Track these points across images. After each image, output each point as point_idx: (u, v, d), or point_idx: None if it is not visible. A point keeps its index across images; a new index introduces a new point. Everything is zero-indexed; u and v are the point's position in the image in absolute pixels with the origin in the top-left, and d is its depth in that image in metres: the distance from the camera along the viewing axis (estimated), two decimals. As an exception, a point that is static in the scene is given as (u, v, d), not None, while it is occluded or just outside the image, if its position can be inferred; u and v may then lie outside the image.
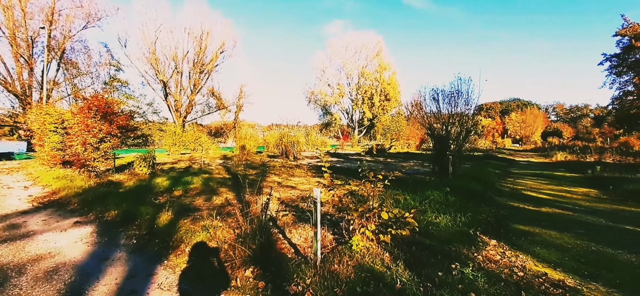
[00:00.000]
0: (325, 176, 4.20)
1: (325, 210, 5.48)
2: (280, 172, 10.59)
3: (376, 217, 3.82)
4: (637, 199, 7.42)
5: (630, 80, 24.50)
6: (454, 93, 10.91)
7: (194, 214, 5.25)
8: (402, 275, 3.04)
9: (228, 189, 7.43)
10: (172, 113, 27.31)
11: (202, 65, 27.55)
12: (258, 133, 22.46)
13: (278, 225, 4.64)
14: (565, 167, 16.50)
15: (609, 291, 2.95)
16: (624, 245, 4.23)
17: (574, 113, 68.48)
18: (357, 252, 3.52)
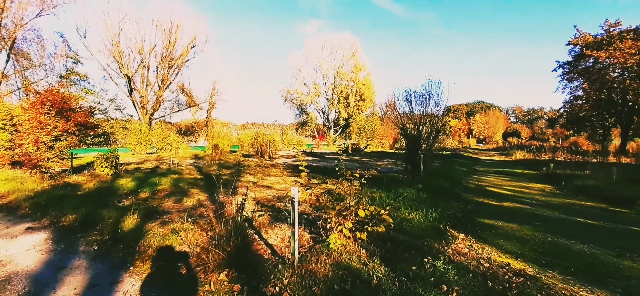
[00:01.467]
0: (303, 175, 4.18)
1: (303, 209, 5.45)
2: (255, 172, 10.37)
3: (353, 215, 3.86)
4: (586, 194, 8.21)
5: (580, 85, 27.09)
6: (425, 95, 11.35)
7: (162, 217, 4.98)
8: (378, 270, 3.10)
9: (200, 190, 7.14)
10: (137, 110, 25.69)
11: (171, 59, 26.20)
12: (232, 132, 21.85)
13: (254, 226, 4.53)
14: (524, 164, 17.87)
15: (565, 278, 3.23)
16: (576, 236, 4.66)
17: (531, 115, 74.50)
18: (334, 250, 3.54)
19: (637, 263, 3.67)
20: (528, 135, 60.83)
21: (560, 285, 3.04)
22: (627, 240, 4.54)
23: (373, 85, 45.38)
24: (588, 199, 7.63)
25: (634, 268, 3.51)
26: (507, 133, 62.10)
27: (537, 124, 69.17)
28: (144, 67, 25.51)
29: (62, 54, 23.77)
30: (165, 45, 25.87)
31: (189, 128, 30.48)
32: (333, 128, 45.88)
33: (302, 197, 4.09)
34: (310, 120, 46.12)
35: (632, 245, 4.27)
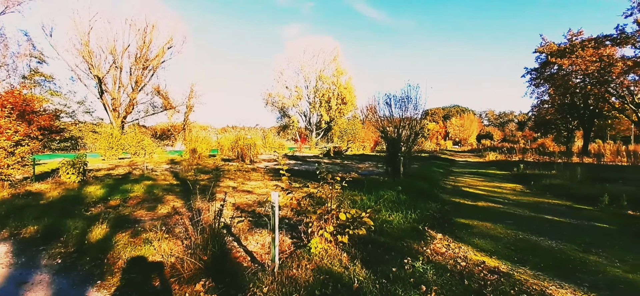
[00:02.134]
0: (284, 179, 4.12)
1: (284, 214, 5.37)
2: (235, 176, 10.13)
3: (334, 219, 3.85)
4: (553, 192, 8.72)
5: (546, 90, 28.90)
6: (405, 99, 11.63)
7: (134, 226, 4.72)
8: (359, 273, 3.09)
9: (176, 196, 6.86)
10: (108, 113, 24.40)
11: (146, 60, 25.17)
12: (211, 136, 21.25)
13: (233, 233, 4.40)
14: (496, 165, 18.75)
15: (535, 274, 3.38)
16: (544, 232, 4.92)
17: (503, 119, 78.55)
18: (315, 255, 3.50)
19: (601, 258, 3.90)
20: (500, 137, 64.06)
21: (532, 280, 3.17)
22: (592, 235, 4.84)
23: (354, 89, 46.01)
24: (555, 197, 8.11)
25: (599, 263, 3.73)
26: (480, 136, 65.06)
27: (508, 127, 73.04)
28: (117, 68, 24.33)
29: (26, 53, 22.20)
30: (140, 46, 24.84)
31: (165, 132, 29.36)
32: (315, 132, 45.94)
33: (283, 201, 4.02)
34: (292, 123, 45.95)
35: (596, 241, 4.55)
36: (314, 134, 45.20)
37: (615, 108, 25.18)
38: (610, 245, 4.38)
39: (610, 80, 21.02)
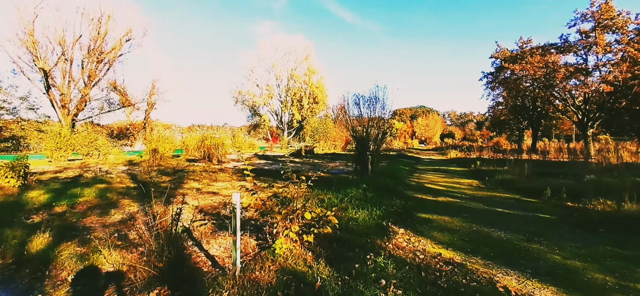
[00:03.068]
0: (248, 179, 4.03)
1: (250, 215, 5.26)
2: (200, 178, 9.71)
3: (300, 218, 3.84)
4: (505, 187, 9.48)
5: (500, 93, 31.27)
6: (373, 99, 11.94)
7: (83, 234, 4.34)
8: (322, 272, 3.12)
9: (132, 200, 6.41)
10: (56, 110, 22.11)
11: (100, 53, 23.17)
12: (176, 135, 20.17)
13: (194, 237, 4.21)
14: (457, 162, 19.98)
15: (486, 263, 3.64)
16: (495, 224, 5.32)
17: (463, 119, 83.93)
18: (280, 255, 3.47)
19: (543, 246, 4.29)
20: (461, 136, 68.40)
21: (482, 269, 3.42)
22: (536, 226, 5.33)
23: (326, 89, 46.29)
24: (506, 191, 8.83)
25: (541, 251, 4.10)
26: (444, 135, 68.99)
27: (468, 126, 78.21)
28: (66, 61, 22.13)
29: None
30: (94, 37, 22.82)
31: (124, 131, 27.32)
32: (287, 131, 45.56)
33: (248, 201, 3.93)
34: (263, 122, 45.15)
35: (539, 230, 5.02)
36: (285, 133, 44.82)
37: (559, 110, 27.97)
38: (551, 234, 4.85)
39: (554, 84, 23.29)
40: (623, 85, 20.05)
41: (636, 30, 20.64)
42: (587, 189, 7.26)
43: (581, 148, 22.70)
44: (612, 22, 20.95)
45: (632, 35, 20.75)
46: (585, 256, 3.88)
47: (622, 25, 20.91)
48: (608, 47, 21.69)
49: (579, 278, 3.25)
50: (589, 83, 22.12)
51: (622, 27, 20.94)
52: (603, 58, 22.13)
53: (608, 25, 21.17)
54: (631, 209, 5.69)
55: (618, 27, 21.02)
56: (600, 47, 21.62)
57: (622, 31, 21.08)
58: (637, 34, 20.48)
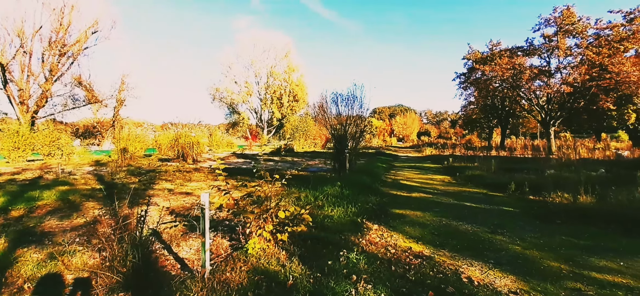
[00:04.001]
0: (220, 179, 3.94)
1: (224, 215, 5.16)
2: (173, 178, 9.35)
3: (274, 217, 3.81)
4: (474, 182, 9.96)
5: (472, 93, 32.72)
6: (351, 97, 12.08)
7: (42, 239, 4.05)
8: (295, 270, 3.12)
9: (97, 203, 6.06)
10: (14, 107, 20.41)
11: (63, 45, 21.61)
12: (148, 133, 19.31)
13: (163, 240, 4.06)
14: (431, 159, 20.71)
15: (453, 255, 3.81)
16: (463, 217, 5.58)
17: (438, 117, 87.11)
18: (253, 255, 3.43)
19: (506, 237, 4.55)
20: (436, 134, 70.97)
21: (449, 261, 3.58)
22: (500, 218, 5.64)
23: (306, 87, 46.20)
24: (475, 186, 9.28)
25: (504, 242, 4.35)
26: (420, 133, 71.26)
27: (443, 124, 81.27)
28: (25, 54, 20.46)
29: None
30: (56, 28, 21.24)
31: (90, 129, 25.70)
32: (266, 129, 45.01)
33: (220, 201, 3.84)
34: (242, 120, 44.30)
35: (503, 222, 5.32)
36: (265, 131, 44.26)
37: (524, 110, 29.75)
38: (513, 226, 5.16)
39: (521, 85, 24.73)
40: (582, 87, 21.67)
41: (595, 35, 22.36)
42: (547, 183, 7.78)
43: (544, 145, 24.32)
44: (573, 27, 22.57)
45: (591, 39, 22.46)
46: (543, 246, 4.16)
47: (582, 30, 22.57)
48: (569, 51, 23.37)
49: (536, 267, 3.48)
50: (552, 84, 23.73)
51: (582, 32, 22.60)
52: (564, 61, 23.82)
53: (569, 30, 22.77)
54: (585, 201, 6.18)
55: (578, 32, 22.67)
56: (562, 51, 23.23)
57: (582, 36, 22.76)
58: (595, 38, 22.18)
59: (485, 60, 27.91)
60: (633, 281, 3.04)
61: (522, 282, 3.09)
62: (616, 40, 20.75)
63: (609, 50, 20.45)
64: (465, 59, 31.88)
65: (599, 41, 21.73)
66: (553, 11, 23.11)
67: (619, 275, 3.22)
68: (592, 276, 3.20)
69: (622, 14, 21.27)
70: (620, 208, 5.50)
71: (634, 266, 3.42)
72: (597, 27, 22.26)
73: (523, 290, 2.93)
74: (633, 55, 20.67)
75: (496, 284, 3.04)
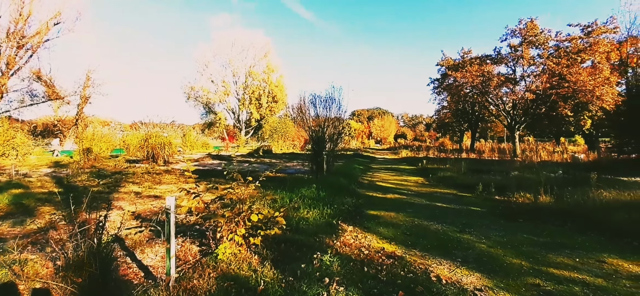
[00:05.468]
0: (190, 181, 3.78)
1: (194, 219, 4.95)
2: (142, 180, 8.88)
3: (246, 220, 3.71)
4: (445, 183, 10.36)
5: (445, 98, 34.13)
6: (329, 99, 12.15)
7: (-15, 248, 3.67)
8: (266, 275, 3.05)
9: (54, 207, 5.61)
10: (-39, 103, 18.51)
11: (22, 37, 19.89)
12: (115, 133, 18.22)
13: (126, 246, 3.82)
14: (407, 161, 21.31)
15: (423, 254, 3.91)
16: (434, 217, 5.76)
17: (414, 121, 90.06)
18: (223, 261, 3.31)
19: (473, 236, 4.75)
20: (412, 136, 73.26)
21: (420, 260, 3.67)
22: (468, 218, 5.89)
23: (285, 88, 45.93)
24: (446, 187, 9.65)
25: (471, 240, 4.53)
26: (397, 135, 73.24)
27: (418, 127, 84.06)
28: (-25, 44, 18.61)
29: None
30: (14, 19, 19.52)
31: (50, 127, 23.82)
32: (244, 130, 44.15)
33: (189, 205, 3.68)
34: (218, 120, 43.11)
35: (470, 222, 5.55)
36: (243, 132, 43.38)
37: (492, 114, 31.48)
38: (480, 224, 5.40)
39: (489, 91, 26.17)
40: (543, 94, 23.30)
41: (555, 46, 24.19)
42: (511, 184, 8.26)
43: (510, 148, 25.86)
44: (536, 39, 24.26)
45: (551, 50, 24.28)
46: (506, 243, 4.39)
47: (544, 42, 24.33)
48: (532, 60, 25.09)
49: (500, 264, 3.66)
50: (517, 91, 25.32)
51: (544, 43, 24.36)
52: (528, 69, 25.53)
53: (533, 41, 24.46)
54: (545, 201, 6.62)
55: (540, 43, 24.41)
56: (526, 60, 24.89)
57: (543, 47, 24.53)
58: (555, 49, 24.01)
59: (457, 67, 29.25)
60: (588, 277, 3.27)
61: (486, 279, 3.23)
62: (574, 51, 22.59)
63: (568, 61, 22.19)
64: (439, 65, 33.24)
65: (558, 52, 23.56)
66: (519, 23, 24.72)
67: (575, 270, 3.45)
68: (550, 272, 3.41)
69: (580, 28, 23.23)
70: (576, 207, 5.95)
71: (588, 262, 3.69)
72: (557, 39, 24.12)
73: (487, 286, 3.06)
74: (589, 66, 22.57)
75: (463, 282, 3.16)
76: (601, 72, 20.77)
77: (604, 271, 3.42)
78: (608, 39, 21.84)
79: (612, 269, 3.49)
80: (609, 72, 20.89)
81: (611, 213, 5.37)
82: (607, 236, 4.70)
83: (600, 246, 4.28)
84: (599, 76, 20.65)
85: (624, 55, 19.97)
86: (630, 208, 5.44)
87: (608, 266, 3.56)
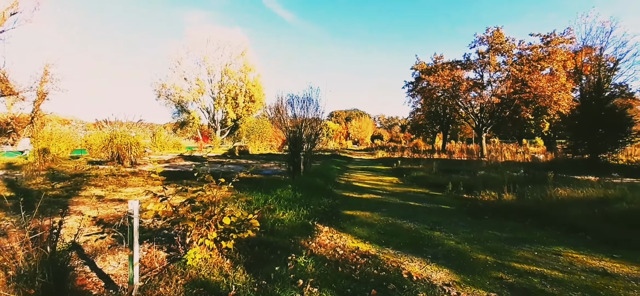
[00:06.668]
0: (156, 183, 3.59)
1: (162, 224, 4.71)
2: (105, 183, 8.31)
3: (218, 224, 3.59)
4: (418, 183, 10.72)
5: (418, 101, 35.39)
6: (307, 100, 12.13)
7: None
8: (238, 279, 2.97)
9: (5, 213, 5.10)
10: None
11: (-33, 27, 17.97)
12: (77, 132, 16.97)
13: (85, 254, 3.55)
14: (383, 162, 21.83)
15: (396, 253, 4.00)
16: (407, 216, 5.93)
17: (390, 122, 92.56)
18: (193, 266, 3.17)
19: (443, 233, 4.93)
20: (388, 137, 75.16)
21: (392, 258, 3.75)
22: (438, 216, 6.12)
23: (263, 87, 45.17)
24: (419, 186, 10.00)
25: (441, 238, 4.71)
26: (374, 136, 74.82)
27: (394, 129, 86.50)
28: None
29: None
30: (-43, 5, 17.55)
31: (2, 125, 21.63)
32: (220, 130, 42.90)
33: (155, 209, 3.49)
34: (192, 119, 41.53)
35: (440, 219, 5.77)
36: (218, 132, 42.12)
37: (462, 117, 33.14)
38: (449, 222, 5.63)
39: (459, 95, 27.54)
40: (507, 98, 24.88)
41: (518, 54, 25.95)
42: (478, 183, 8.72)
43: (477, 149, 27.33)
44: (501, 46, 25.87)
45: (515, 57, 26.02)
46: (473, 239, 4.61)
47: (509, 49, 26.01)
48: (498, 67, 26.72)
49: (467, 259, 3.83)
50: (484, 95, 26.84)
51: (508, 50, 26.04)
52: (494, 75, 27.16)
53: (498, 48, 26.05)
54: (508, 199, 7.04)
55: (506, 51, 26.06)
56: (492, 66, 26.46)
57: (508, 54, 26.22)
58: (519, 57, 25.76)
59: (430, 71, 30.44)
60: (546, 269, 3.51)
61: (454, 274, 3.37)
62: (535, 59, 24.38)
63: (529, 68, 23.90)
64: (414, 68, 34.42)
65: (521, 59, 25.31)
66: (486, 31, 26.23)
67: (534, 264, 3.69)
68: (512, 265, 3.62)
69: (541, 37, 25.14)
70: (535, 204, 6.40)
71: (546, 256, 3.96)
72: (520, 47, 25.90)
73: (455, 281, 3.19)
74: (548, 73, 24.45)
75: (432, 278, 3.27)
76: (558, 79, 22.60)
77: (560, 264, 3.68)
78: (565, 49, 23.83)
79: (567, 261, 3.77)
80: (565, 79, 22.80)
81: (566, 209, 5.83)
82: (563, 230, 5.08)
83: (557, 240, 4.62)
84: (556, 83, 22.45)
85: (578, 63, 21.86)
86: (583, 204, 5.94)
87: (564, 259, 3.84)
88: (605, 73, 17.98)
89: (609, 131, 14.90)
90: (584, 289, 3.03)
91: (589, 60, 20.66)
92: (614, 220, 5.14)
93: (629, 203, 5.56)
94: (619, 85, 21.04)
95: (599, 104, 15.44)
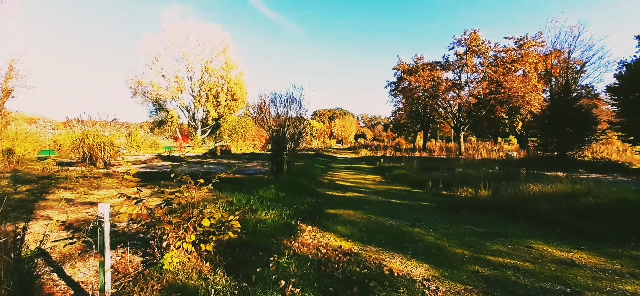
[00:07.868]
0: (129, 185, 3.44)
1: (137, 227, 4.52)
2: (76, 185, 7.86)
3: (197, 226, 3.49)
4: (399, 180, 10.94)
5: (400, 100, 36.11)
6: (290, 99, 12.06)
7: None
8: (218, 282, 2.89)
9: (-41, 219, 4.70)
10: None
11: None
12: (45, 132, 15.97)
13: (53, 261, 3.34)
14: (366, 160, 22.11)
15: (377, 250, 4.05)
16: (389, 213, 6.02)
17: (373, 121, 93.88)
18: (170, 271, 3.06)
19: (422, 229, 5.05)
20: (371, 136, 76.28)
21: (374, 256, 3.79)
22: (418, 212, 6.27)
23: (246, 85, 44.39)
24: (400, 184, 10.21)
25: (421, 234, 4.82)
26: (357, 135, 75.67)
27: (377, 128, 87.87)
28: None
29: None
30: None
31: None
32: (201, 129, 41.77)
33: (128, 212, 3.34)
34: (170, 118, 40.11)
35: (421, 216, 5.91)
36: (199, 132, 41.00)
37: (441, 116, 34.16)
38: (429, 218, 5.78)
39: (438, 95, 28.37)
40: (484, 99, 25.90)
41: (494, 56, 27.06)
42: (456, 180, 9.01)
43: (456, 148, 28.27)
44: (478, 48, 26.88)
45: (491, 59, 27.11)
46: (451, 235, 4.75)
47: (485, 51, 27.06)
48: (475, 68, 27.74)
49: (445, 254, 3.94)
50: (462, 95, 27.78)
51: (484, 52, 27.09)
52: (471, 76, 28.19)
53: (475, 50, 27.05)
54: (484, 195, 7.32)
55: (482, 53, 27.10)
56: (470, 67, 27.43)
57: (484, 56, 27.27)
58: (494, 59, 26.87)
59: (411, 72, 31.15)
60: (518, 262, 3.67)
61: (433, 269, 3.46)
62: (509, 61, 25.52)
63: (504, 70, 24.99)
64: (396, 69, 35.08)
65: (496, 61, 26.41)
66: (464, 33, 27.16)
67: (508, 256, 3.85)
68: (487, 259, 3.77)
69: (514, 41, 26.37)
70: (508, 199, 6.69)
71: (518, 249, 4.14)
72: (496, 49, 27.02)
73: (434, 276, 3.28)
74: (521, 74, 25.68)
75: (413, 273, 3.34)
76: (530, 80, 23.80)
77: (531, 256, 3.87)
78: (536, 52, 25.12)
79: (538, 254, 3.96)
80: (537, 80, 24.04)
81: (537, 204, 6.14)
82: (534, 224, 5.35)
83: (529, 233, 4.85)
84: (528, 84, 23.62)
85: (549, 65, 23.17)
86: (553, 199, 6.28)
87: (535, 251, 4.04)
88: (572, 75, 19.17)
89: (576, 130, 15.90)
90: (554, 279, 3.20)
91: (558, 62, 21.94)
92: (581, 213, 5.47)
93: (594, 197, 5.94)
94: (585, 86, 22.49)
95: (567, 104, 16.43)
